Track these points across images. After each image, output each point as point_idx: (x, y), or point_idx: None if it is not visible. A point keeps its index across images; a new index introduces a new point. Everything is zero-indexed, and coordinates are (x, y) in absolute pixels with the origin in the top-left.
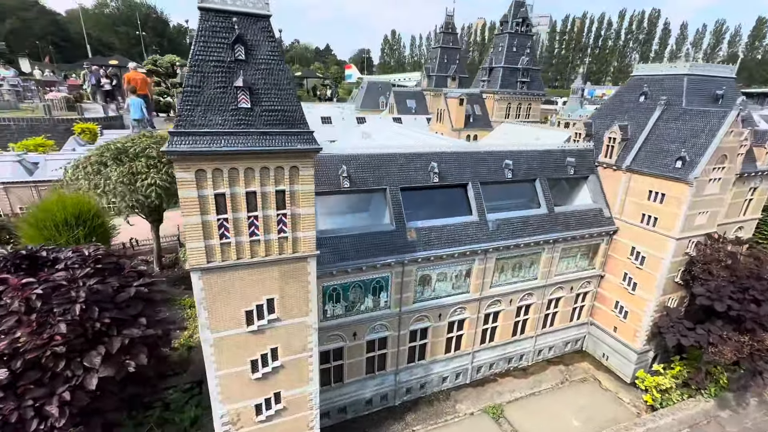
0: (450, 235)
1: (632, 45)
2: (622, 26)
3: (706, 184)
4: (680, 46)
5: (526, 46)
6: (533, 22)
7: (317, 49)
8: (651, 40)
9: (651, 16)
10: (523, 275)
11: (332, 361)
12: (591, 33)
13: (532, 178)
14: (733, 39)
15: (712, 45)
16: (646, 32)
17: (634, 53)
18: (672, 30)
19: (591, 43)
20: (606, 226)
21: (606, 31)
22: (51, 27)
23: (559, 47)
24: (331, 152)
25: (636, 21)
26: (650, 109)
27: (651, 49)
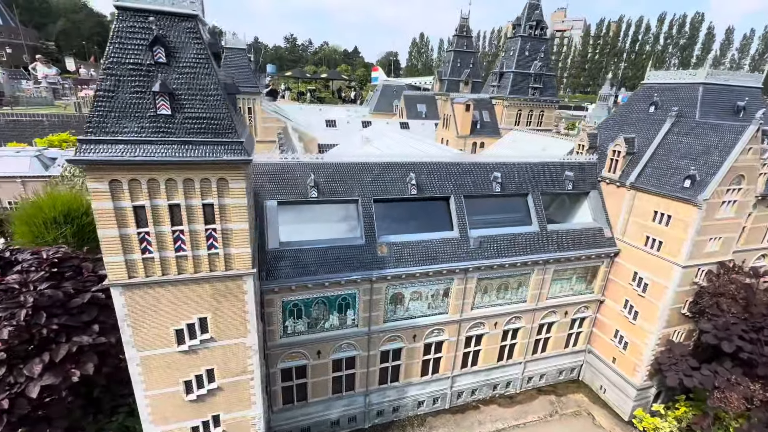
0: (426, 252)
1: (672, 50)
2: (661, 30)
3: (718, 206)
4: (725, 51)
5: (539, 51)
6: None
7: (345, 51)
8: (693, 45)
9: (693, 21)
10: (509, 297)
11: (295, 379)
12: (627, 37)
13: (524, 192)
14: None
15: (761, 51)
16: (688, 37)
17: (674, 58)
18: (716, 35)
19: (627, 48)
20: (606, 247)
21: (644, 36)
22: (97, 28)
23: (593, 51)
24: (299, 160)
25: (677, 25)
26: (660, 121)
27: (692, 55)
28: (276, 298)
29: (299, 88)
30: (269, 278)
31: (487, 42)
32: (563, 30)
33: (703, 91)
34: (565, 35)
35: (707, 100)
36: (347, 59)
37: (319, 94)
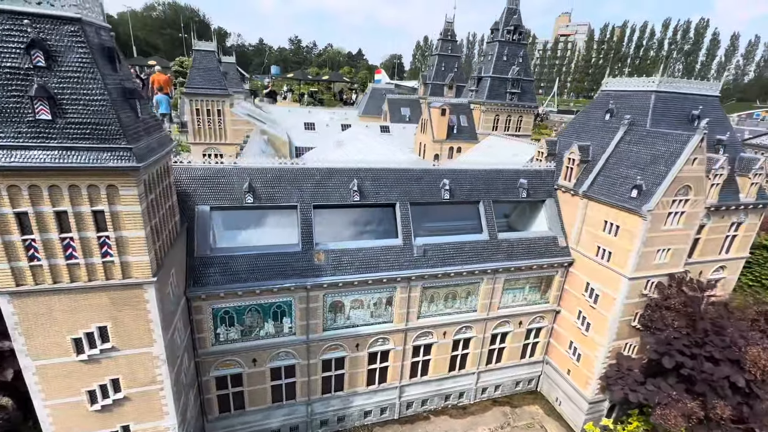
0: (366, 260)
1: (676, 56)
2: (665, 36)
3: (664, 217)
4: (730, 57)
5: (517, 56)
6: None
7: (349, 53)
8: (697, 51)
9: (698, 26)
10: (458, 306)
11: (230, 387)
12: (632, 42)
13: (475, 200)
14: None
15: (766, 57)
16: (693, 42)
17: (678, 64)
18: (721, 41)
19: (632, 53)
20: (560, 257)
21: (648, 41)
22: None
23: (596, 56)
24: (235, 164)
25: (681, 31)
26: (614, 129)
27: (697, 61)
28: (204, 305)
29: (301, 90)
30: (196, 285)
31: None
32: (567, 34)
33: (654, 99)
34: (569, 40)
35: (659, 108)
36: (351, 61)
37: (321, 96)
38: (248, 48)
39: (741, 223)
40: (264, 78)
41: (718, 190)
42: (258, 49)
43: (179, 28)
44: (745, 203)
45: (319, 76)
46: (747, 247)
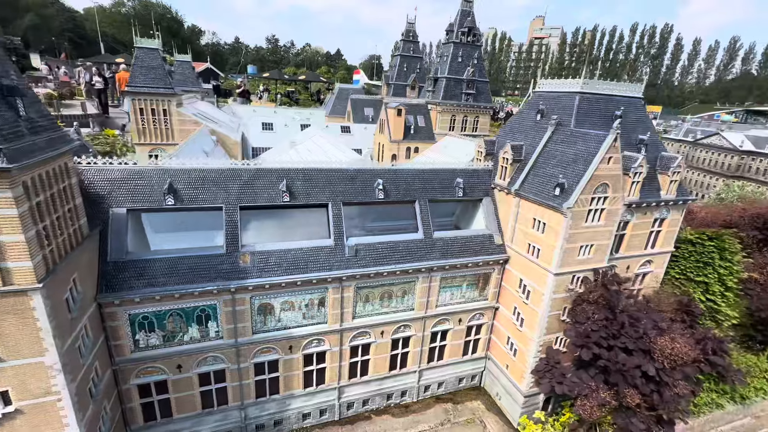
0: (295, 261)
1: (643, 59)
2: (633, 40)
3: (584, 214)
4: (692, 61)
5: (472, 57)
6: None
7: (328, 53)
8: (663, 55)
9: (663, 31)
10: (395, 306)
11: (155, 394)
12: (602, 46)
13: (411, 199)
14: (747, 56)
15: (725, 62)
16: (658, 47)
17: (645, 67)
18: (684, 46)
19: (602, 56)
20: (495, 254)
21: (617, 45)
22: (68, 24)
23: (569, 59)
24: (156, 165)
25: (647, 35)
26: (544, 129)
27: (663, 64)
28: (119, 311)
29: (278, 90)
30: (108, 291)
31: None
32: (542, 37)
33: (579, 100)
34: (543, 43)
35: (583, 108)
36: (330, 61)
37: (298, 96)
38: (224, 47)
39: (664, 218)
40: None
41: (639, 188)
42: (234, 48)
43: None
44: (665, 200)
45: (296, 75)
46: (671, 241)
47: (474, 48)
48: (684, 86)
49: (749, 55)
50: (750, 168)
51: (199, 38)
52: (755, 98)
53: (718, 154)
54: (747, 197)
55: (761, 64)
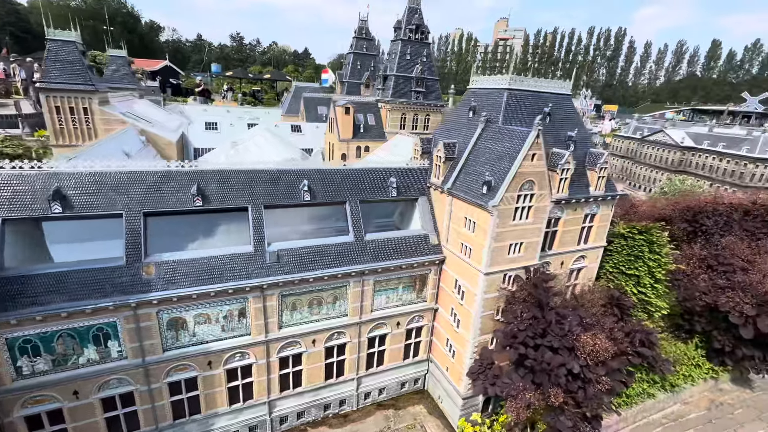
0: (208, 270)
1: (600, 61)
2: (590, 43)
3: (511, 212)
4: (644, 63)
5: (421, 55)
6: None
7: (296, 52)
8: (617, 57)
9: (617, 34)
10: (326, 312)
11: (48, 425)
12: (562, 48)
13: (341, 201)
14: (692, 59)
15: (673, 64)
16: (613, 49)
17: (602, 68)
18: (637, 48)
19: (562, 58)
20: (430, 255)
21: (576, 47)
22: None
23: (532, 60)
24: (40, 169)
25: (603, 38)
26: (476, 126)
27: (618, 66)
28: None
29: (242, 89)
30: None
31: (435, 47)
32: (506, 39)
33: (507, 97)
34: (508, 44)
35: (511, 105)
36: (297, 60)
37: (263, 96)
38: (185, 44)
39: (595, 214)
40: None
41: (567, 184)
42: (196, 46)
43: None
44: (594, 196)
45: (262, 74)
46: (604, 236)
47: (423, 46)
48: (637, 86)
49: (694, 58)
50: (691, 163)
51: (158, 35)
52: (700, 98)
53: (662, 150)
54: (687, 191)
55: (704, 66)
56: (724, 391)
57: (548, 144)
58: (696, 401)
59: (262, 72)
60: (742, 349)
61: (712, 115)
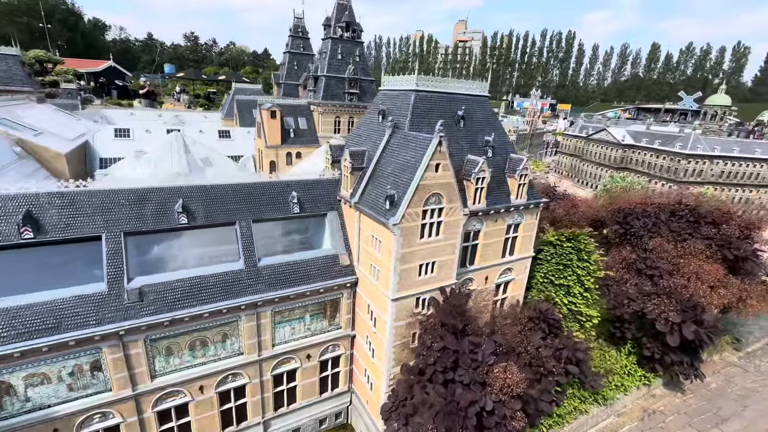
0: (43, 319)
1: (553, 62)
2: (544, 45)
3: (418, 230)
4: (593, 65)
5: (353, 54)
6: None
7: (255, 52)
8: (569, 59)
9: (568, 37)
10: (214, 353)
11: None
12: (518, 50)
13: (228, 221)
14: (635, 61)
15: (619, 65)
16: (564, 51)
17: (555, 70)
18: (586, 50)
19: (518, 59)
20: (340, 277)
21: (530, 49)
22: None
23: (491, 61)
24: None
25: (555, 41)
26: (384, 132)
27: (569, 67)
28: None
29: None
30: None
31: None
32: (465, 40)
33: (414, 99)
34: (467, 45)
35: (420, 108)
36: (257, 61)
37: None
38: (134, 44)
39: (518, 224)
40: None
41: (484, 194)
42: (147, 45)
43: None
44: (515, 205)
45: (217, 75)
46: (530, 246)
47: (355, 45)
48: (588, 87)
49: (636, 60)
50: (632, 160)
51: (104, 33)
52: (642, 97)
53: (605, 147)
54: (628, 187)
55: (645, 67)
56: (657, 397)
57: (463, 151)
58: (629, 411)
59: (217, 73)
60: (671, 355)
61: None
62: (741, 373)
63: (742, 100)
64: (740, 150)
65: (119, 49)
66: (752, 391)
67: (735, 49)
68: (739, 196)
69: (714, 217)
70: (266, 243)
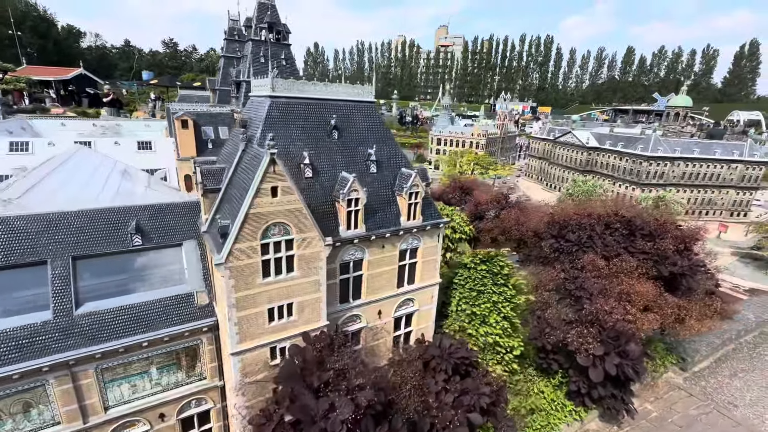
0: None
1: (533, 66)
2: (523, 49)
3: (258, 268)
4: (571, 68)
5: (279, 57)
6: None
7: None
8: (547, 63)
9: (546, 41)
10: (14, 427)
11: None
12: (498, 54)
13: (37, 260)
14: (611, 64)
15: (596, 68)
16: (543, 55)
17: (535, 73)
18: (563, 54)
19: (499, 63)
20: (195, 320)
21: (510, 53)
22: None
23: (472, 66)
24: None
25: (534, 45)
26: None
27: (548, 71)
28: None
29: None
30: None
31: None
32: (447, 45)
33: (269, 107)
34: (448, 50)
35: (276, 117)
36: None
37: None
38: (111, 51)
39: (416, 248)
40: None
41: (362, 217)
42: (124, 52)
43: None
44: (406, 228)
45: (193, 82)
46: (435, 272)
47: (280, 47)
48: (567, 89)
49: (612, 63)
50: (597, 162)
51: (78, 41)
52: (619, 99)
53: (571, 150)
54: (590, 191)
55: (621, 70)
56: None
57: (336, 167)
58: None
59: (194, 80)
60: (598, 389)
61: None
62: (685, 398)
63: (713, 101)
64: (700, 151)
65: (95, 57)
66: (695, 420)
67: (705, 52)
68: (701, 197)
69: (650, 229)
70: (94, 285)
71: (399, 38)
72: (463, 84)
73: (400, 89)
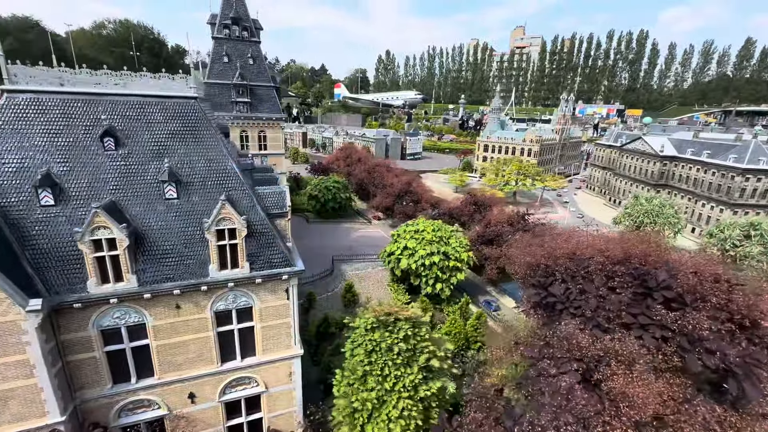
0: None
1: (621, 65)
2: (611, 47)
3: None
4: (669, 65)
5: (245, 56)
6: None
7: (312, 68)
8: (640, 60)
9: (639, 37)
10: None
11: None
12: (581, 53)
13: None
14: (722, 59)
15: (701, 65)
16: (635, 52)
17: (624, 73)
18: (660, 51)
19: (581, 63)
20: None
21: (595, 52)
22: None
23: (550, 67)
24: None
25: (624, 42)
26: None
27: (641, 69)
28: None
29: None
30: None
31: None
32: (523, 47)
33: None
34: (524, 52)
35: (11, 119)
36: (314, 76)
37: None
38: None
39: (247, 307)
40: None
41: (127, 264)
42: None
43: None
44: (213, 282)
45: None
46: (289, 339)
47: (247, 45)
48: (663, 89)
49: (724, 58)
50: (673, 175)
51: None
52: (731, 99)
53: (641, 160)
54: (657, 212)
55: (735, 66)
56: None
57: (103, 190)
58: None
59: None
60: None
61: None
62: None
63: None
64: None
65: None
66: None
67: None
68: None
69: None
70: None
71: (472, 41)
72: (539, 87)
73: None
